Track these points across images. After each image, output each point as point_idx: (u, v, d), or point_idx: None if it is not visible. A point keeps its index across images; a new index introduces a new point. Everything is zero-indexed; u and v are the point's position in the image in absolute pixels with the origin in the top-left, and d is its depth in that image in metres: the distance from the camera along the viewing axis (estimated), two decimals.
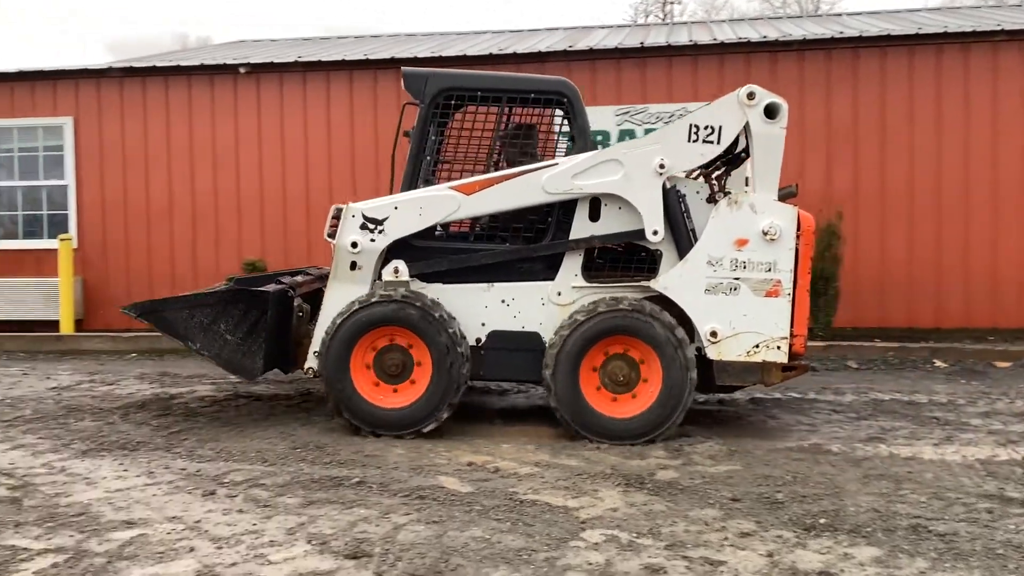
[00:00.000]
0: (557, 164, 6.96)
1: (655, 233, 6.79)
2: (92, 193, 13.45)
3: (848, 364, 10.28)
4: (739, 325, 6.65)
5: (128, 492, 5.46)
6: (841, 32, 12.30)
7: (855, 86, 11.99)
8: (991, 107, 11.73)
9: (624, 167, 6.81)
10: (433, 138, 7.36)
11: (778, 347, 6.64)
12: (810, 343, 10.90)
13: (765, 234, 6.60)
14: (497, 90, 7.27)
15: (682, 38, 13.04)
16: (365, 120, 12.86)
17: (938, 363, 10.28)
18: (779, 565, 4.25)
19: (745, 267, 6.64)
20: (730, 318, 6.66)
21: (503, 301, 6.98)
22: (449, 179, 7.39)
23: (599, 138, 11.68)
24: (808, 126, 11.95)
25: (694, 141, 6.74)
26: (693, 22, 19.02)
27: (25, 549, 4.50)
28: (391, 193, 7.52)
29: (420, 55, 12.95)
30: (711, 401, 8.24)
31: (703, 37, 13.04)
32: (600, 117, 12.00)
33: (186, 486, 5.58)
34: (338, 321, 6.84)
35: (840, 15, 18.52)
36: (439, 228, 7.26)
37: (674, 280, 6.74)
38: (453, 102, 7.33)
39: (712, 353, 6.69)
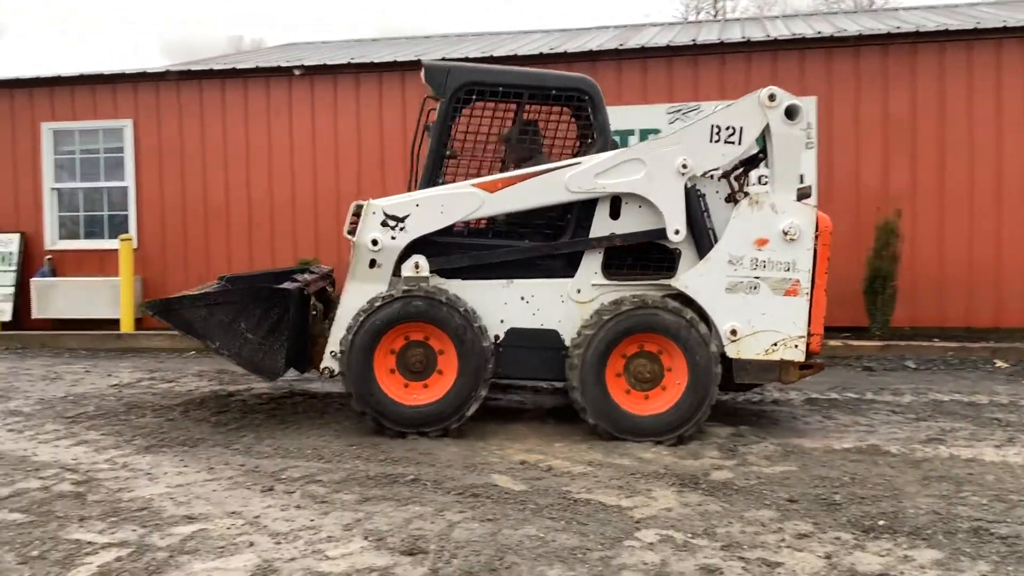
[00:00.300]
0: (580, 163, 6.94)
1: (676, 232, 6.83)
2: (151, 194, 13.71)
3: (906, 364, 10.11)
4: (758, 324, 6.72)
5: (189, 487, 5.56)
6: (898, 27, 12.10)
7: (913, 82, 11.79)
8: None
9: (647, 166, 6.84)
10: (454, 133, 7.34)
11: (796, 346, 6.71)
12: (868, 343, 10.78)
13: (785, 234, 6.66)
14: (519, 86, 7.22)
15: (735, 35, 12.93)
16: (428, 116, 12.92)
17: (999, 363, 10.08)
18: (837, 567, 4.20)
19: (765, 266, 6.71)
20: (749, 317, 6.72)
21: (522, 298, 6.97)
22: (463, 174, 7.42)
23: (651, 136, 11.62)
24: (864, 123, 11.78)
25: (716, 141, 6.80)
26: (745, 19, 18.84)
27: (90, 543, 4.60)
28: (409, 189, 7.53)
29: (471, 55, 13.00)
30: (765, 401, 8.16)
31: (756, 34, 12.91)
32: (652, 115, 11.97)
33: (245, 482, 5.67)
34: (350, 337, 6.79)
35: (896, 10, 18.23)
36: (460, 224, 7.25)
37: (694, 279, 6.78)
38: (474, 97, 7.30)
39: (731, 351, 6.73)
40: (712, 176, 7.09)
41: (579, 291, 6.96)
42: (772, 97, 6.74)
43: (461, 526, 4.78)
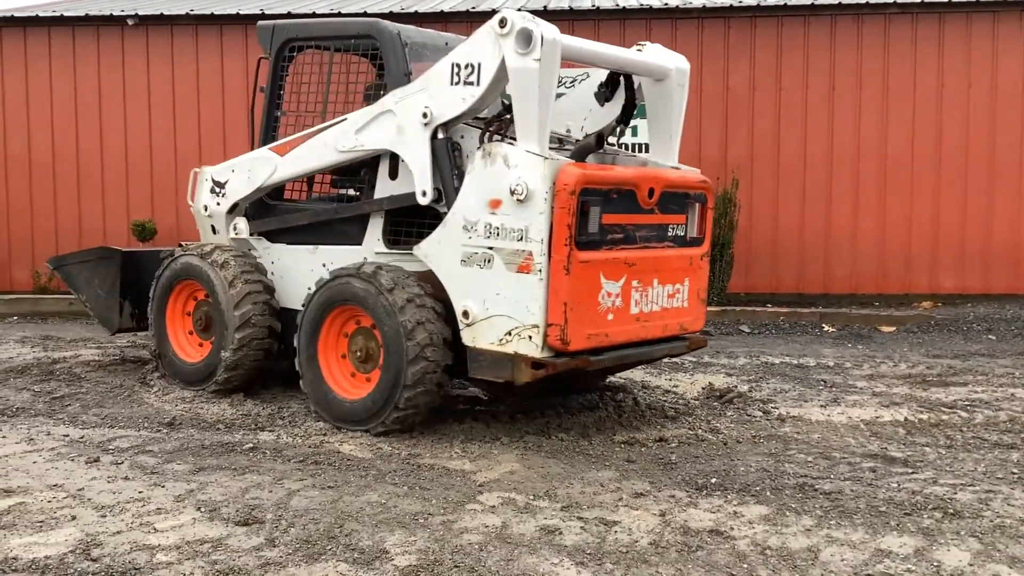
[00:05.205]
0: (346, 120, 6.38)
1: (424, 193, 5.91)
2: None
3: (741, 328, 10.51)
4: (493, 306, 5.53)
5: (7, 460, 5.22)
6: (740, 1, 12.44)
7: (752, 55, 12.19)
8: (882, 78, 12.07)
9: (397, 118, 6.02)
10: (281, 92, 7.10)
11: (529, 337, 5.40)
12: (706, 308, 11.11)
13: (513, 193, 5.41)
14: (325, 37, 6.93)
15: (585, 3, 13.00)
16: (261, 76, 12.48)
17: (826, 327, 10.60)
18: (671, 524, 4.31)
19: (499, 234, 5.50)
20: (484, 296, 5.56)
21: (324, 265, 6.54)
22: (290, 134, 7.03)
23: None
24: (706, 94, 12.10)
25: (456, 83, 5.74)
26: None
27: None
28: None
29: (319, 11, 12.63)
30: None
31: (606, 2, 13.03)
32: None
33: (69, 453, 5.37)
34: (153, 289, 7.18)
35: None
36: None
37: (434, 247, 5.81)
38: (295, 53, 7.04)
39: (466, 338, 5.65)
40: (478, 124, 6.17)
41: (365, 259, 6.27)
42: (503, 22, 5.43)
43: (300, 494, 4.67)
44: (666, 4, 12.45)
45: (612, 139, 6.70)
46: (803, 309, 11.18)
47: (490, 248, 5.54)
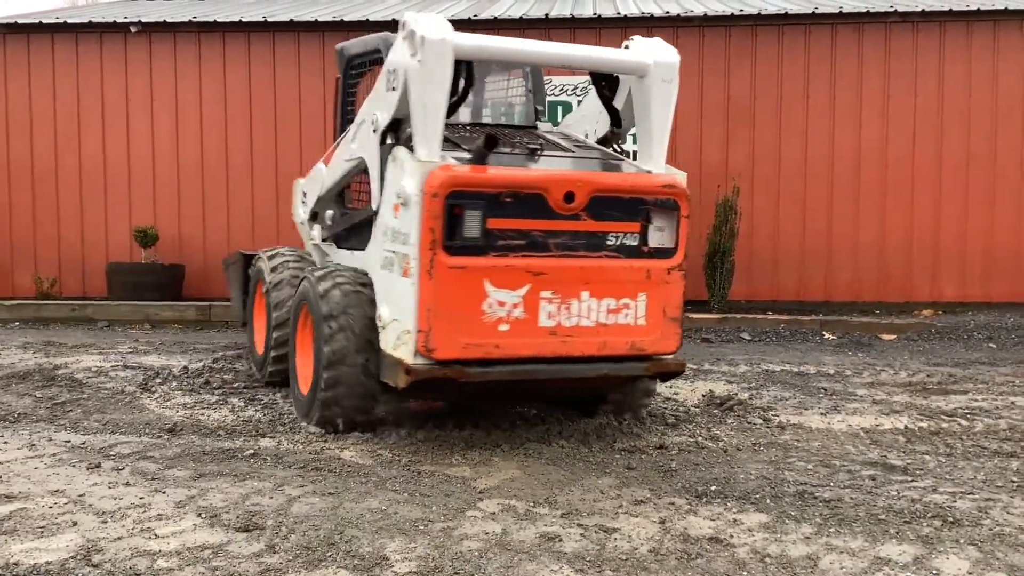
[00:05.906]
0: (349, 131, 6.58)
1: (374, 199, 6.02)
2: None
3: (742, 336, 10.52)
4: (394, 309, 5.57)
5: (8, 465, 5.23)
6: (741, 10, 12.49)
7: (753, 64, 12.23)
8: (882, 86, 12.11)
9: (366, 125, 6.16)
10: (350, 108, 7.28)
11: (407, 342, 5.38)
12: (707, 316, 11.14)
13: (398, 197, 5.47)
14: (361, 54, 7.11)
15: (587, 11, 13.05)
16: (263, 83, 12.54)
17: (827, 335, 10.61)
18: (671, 531, 4.32)
19: (396, 238, 5.56)
20: (389, 300, 5.64)
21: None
22: None
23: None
24: (707, 102, 12.14)
25: (388, 89, 5.74)
26: None
27: None
28: None
29: (321, 19, 12.67)
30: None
31: (607, 11, 13.08)
32: None
33: (70, 459, 5.38)
34: None
35: None
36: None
37: (370, 251, 6.01)
38: (355, 71, 7.28)
39: (381, 341, 5.68)
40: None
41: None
42: (402, 25, 5.40)
43: (301, 501, 4.68)
44: (667, 12, 12.50)
45: (617, 145, 6.71)
46: (804, 317, 11.20)
47: (393, 252, 5.59)
